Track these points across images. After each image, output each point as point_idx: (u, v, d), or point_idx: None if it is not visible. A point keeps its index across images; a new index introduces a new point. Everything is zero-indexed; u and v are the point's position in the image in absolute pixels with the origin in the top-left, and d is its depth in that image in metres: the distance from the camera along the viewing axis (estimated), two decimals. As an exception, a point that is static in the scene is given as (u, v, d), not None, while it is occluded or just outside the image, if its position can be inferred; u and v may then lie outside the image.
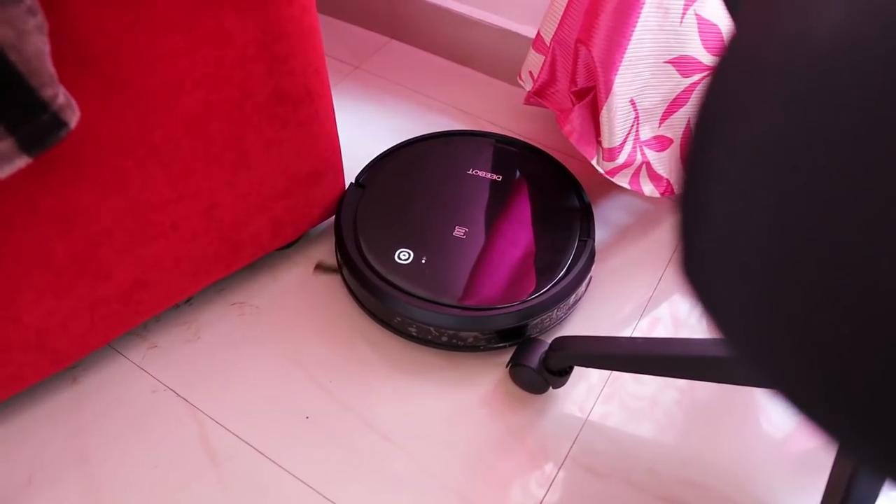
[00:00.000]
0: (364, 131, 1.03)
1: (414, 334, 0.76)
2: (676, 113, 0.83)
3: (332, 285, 0.85)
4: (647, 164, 0.85)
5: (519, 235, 0.81)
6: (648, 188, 0.87)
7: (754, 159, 0.20)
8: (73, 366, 0.78)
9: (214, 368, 0.77)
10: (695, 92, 0.82)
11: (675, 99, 0.82)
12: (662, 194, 0.88)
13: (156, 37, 0.56)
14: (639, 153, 0.83)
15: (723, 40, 0.77)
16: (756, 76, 0.22)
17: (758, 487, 0.70)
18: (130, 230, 0.66)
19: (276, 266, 0.87)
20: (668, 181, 0.87)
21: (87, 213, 0.62)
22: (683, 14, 0.74)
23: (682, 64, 0.79)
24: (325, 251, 0.88)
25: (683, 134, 0.86)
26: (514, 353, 0.75)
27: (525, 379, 0.74)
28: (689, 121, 0.85)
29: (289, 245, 0.87)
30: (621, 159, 0.81)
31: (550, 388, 0.75)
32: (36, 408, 0.74)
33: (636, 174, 0.85)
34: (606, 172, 0.82)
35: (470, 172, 0.87)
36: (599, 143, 0.81)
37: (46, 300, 0.65)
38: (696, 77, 0.81)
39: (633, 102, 0.79)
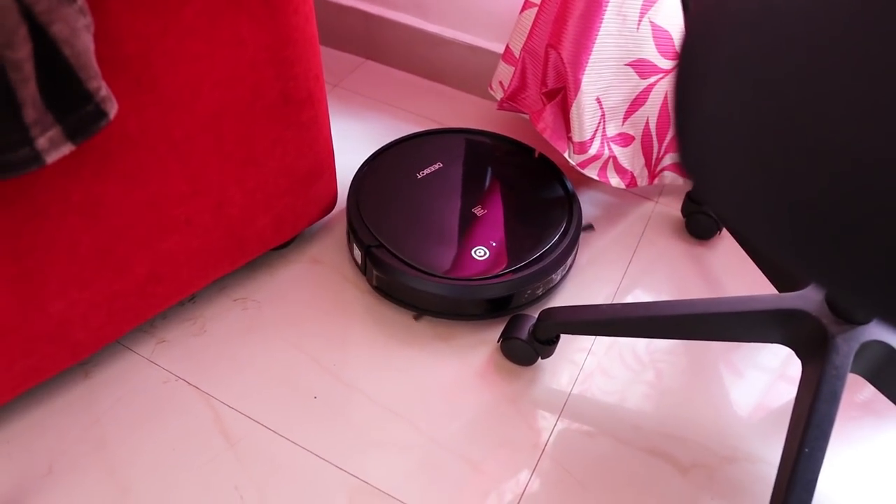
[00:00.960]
0: (347, 142, 1.10)
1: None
2: (637, 112, 0.93)
3: (329, 280, 0.90)
4: (614, 158, 0.94)
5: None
6: (615, 180, 0.95)
7: (733, 63, 0.28)
8: (84, 361, 0.81)
9: (222, 358, 0.82)
10: (652, 93, 0.92)
11: (635, 99, 0.91)
12: (627, 186, 0.97)
13: (182, 41, 0.63)
14: (606, 148, 0.92)
15: (675, 46, 0.88)
16: (724, 15, 0.30)
17: (731, 436, 0.78)
18: (149, 224, 0.71)
19: (273, 264, 0.92)
20: (631, 174, 0.96)
21: (112, 205, 0.67)
22: (639, 21, 0.84)
23: (640, 67, 0.88)
24: (320, 249, 0.94)
25: (644, 132, 0.95)
26: (505, 328, 0.82)
27: (516, 351, 0.81)
28: (647, 120, 0.95)
29: (285, 244, 0.93)
30: (592, 151, 0.90)
31: (539, 359, 0.82)
32: (52, 401, 0.77)
33: (604, 167, 0.93)
34: (578, 164, 0.91)
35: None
36: (570, 137, 0.89)
37: (71, 291, 0.69)
38: (653, 79, 0.91)
39: (598, 101, 0.88)
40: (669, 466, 0.76)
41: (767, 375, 0.85)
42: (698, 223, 0.98)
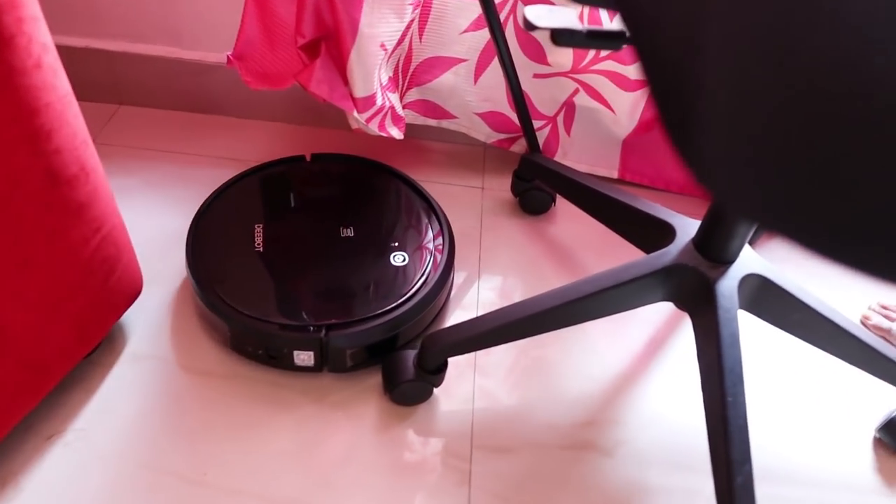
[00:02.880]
0: (131, 205, 0.92)
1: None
2: (396, 50, 0.83)
3: (159, 372, 0.74)
4: (392, 107, 0.84)
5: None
6: (395, 131, 0.87)
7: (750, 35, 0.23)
8: None
9: (56, 519, 0.63)
10: (412, 27, 0.82)
11: (401, 37, 0.81)
12: (402, 133, 0.89)
13: None
14: (383, 98, 0.82)
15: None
16: None
17: (637, 403, 0.77)
18: None
19: (86, 377, 0.74)
20: (403, 120, 0.88)
21: None
22: None
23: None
24: (136, 340, 0.77)
25: (394, 69, 0.86)
26: (385, 379, 0.73)
27: (410, 394, 0.73)
28: (399, 57, 0.85)
29: (94, 350, 0.75)
30: (378, 104, 0.79)
31: (433, 389, 0.75)
32: None
33: (383, 119, 0.84)
34: (367, 123, 0.80)
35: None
36: (351, 94, 0.78)
37: None
38: (416, 12, 0.80)
39: (383, 46, 0.76)
40: (595, 454, 0.73)
41: (643, 330, 0.85)
42: (532, 199, 0.96)
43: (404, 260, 0.78)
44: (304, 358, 0.72)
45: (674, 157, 1.02)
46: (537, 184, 0.95)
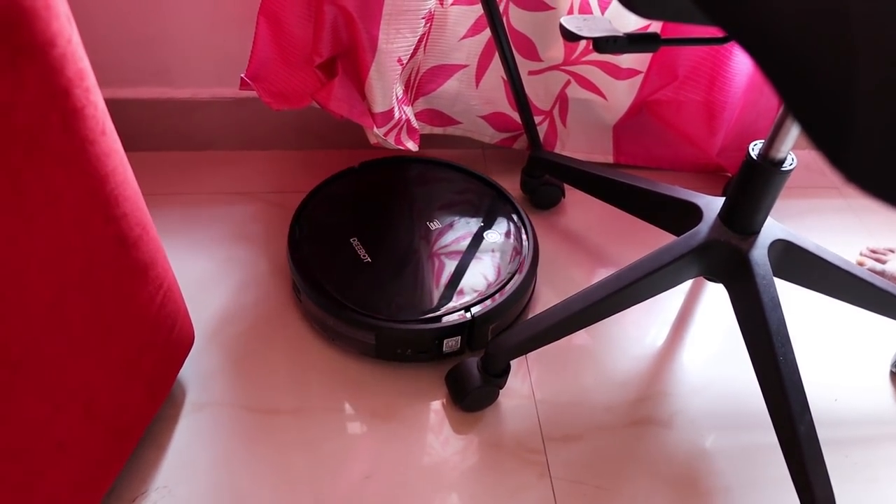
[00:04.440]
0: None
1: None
2: (409, 63, 0.84)
3: (224, 418, 0.75)
4: (408, 120, 0.87)
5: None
6: (410, 143, 0.89)
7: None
8: None
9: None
10: (422, 42, 0.84)
11: (414, 51, 0.82)
12: (418, 144, 0.91)
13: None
14: (400, 111, 0.84)
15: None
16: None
17: (682, 372, 0.82)
18: (13, 479, 0.51)
19: (155, 434, 0.73)
20: (418, 132, 0.91)
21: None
22: None
23: (429, 17, 0.80)
24: (195, 391, 0.77)
25: (406, 81, 0.88)
26: (453, 390, 0.76)
27: (480, 401, 0.76)
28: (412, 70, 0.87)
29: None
30: (396, 118, 0.81)
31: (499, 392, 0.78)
32: None
33: (399, 132, 0.87)
34: (385, 136, 0.83)
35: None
36: (370, 109, 0.79)
37: None
38: (427, 26, 0.82)
39: (400, 61, 0.78)
40: (654, 427, 0.77)
41: (670, 306, 0.90)
42: (544, 194, 1.00)
43: (499, 237, 0.86)
44: (451, 344, 0.78)
45: (659, 135, 1.07)
46: (547, 179, 0.98)
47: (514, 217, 0.89)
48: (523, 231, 0.88)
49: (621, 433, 0.77)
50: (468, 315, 0.77)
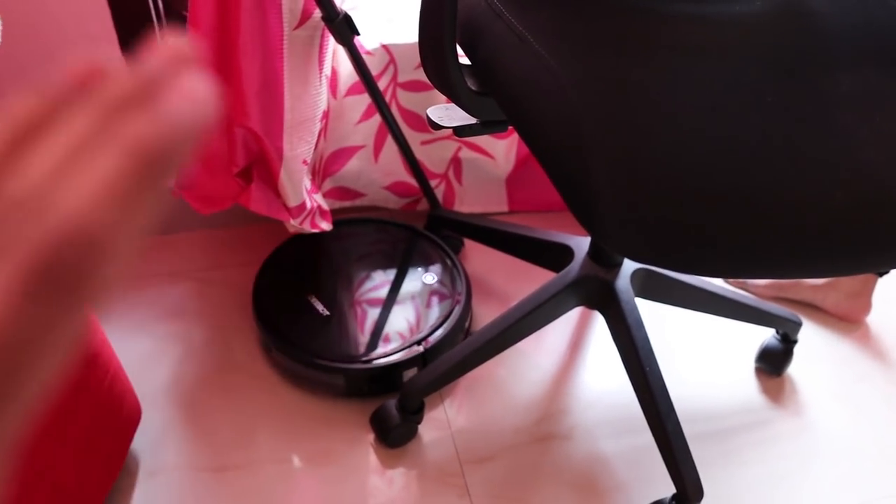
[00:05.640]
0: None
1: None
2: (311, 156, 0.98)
3: (172, 484, 0.83)
4: (318, 206, 1.00)
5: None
6: (324, 224, 1.02)
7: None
8: None
9: None
10: (320, 138, 0.98)
11: (314, 147, 0.96)
12: (331, 224, 1.04)
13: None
14: (311, 201, 0.97)
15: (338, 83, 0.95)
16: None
17: (574, 388, 0.95)
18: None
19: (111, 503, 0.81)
20: (329, 213, 1.04)
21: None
22: (321, 76, 0.90)
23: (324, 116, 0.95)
24: (147, 457, 0.85)
25: (311, 171, 1.02)
26: (377, 430, 0.86)
27: (403, 437, 0.87)
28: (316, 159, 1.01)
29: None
30: (308, 207, 0.94)
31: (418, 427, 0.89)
32: None
33: (313, 217, 0.99)
34: (300, 225, 0.96)
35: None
36: (285, 205, 0.93)
37: None
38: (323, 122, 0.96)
39: (304, 162, 0.92)
40: (557, 440, 0.90)
41: (560, 333, 1.04)
42: (446, 243, 1.13)
43: (434, 278, 1.00)
44: (409, 374, 0.91)
45: (547, 182, 1.22)
46: (445, 234, 1.11)
47: (449, 265, 1.03)
48: (453, 275, 1.02)
49: (529, 449, 0.89)
50: (420, 348, 0.90)
